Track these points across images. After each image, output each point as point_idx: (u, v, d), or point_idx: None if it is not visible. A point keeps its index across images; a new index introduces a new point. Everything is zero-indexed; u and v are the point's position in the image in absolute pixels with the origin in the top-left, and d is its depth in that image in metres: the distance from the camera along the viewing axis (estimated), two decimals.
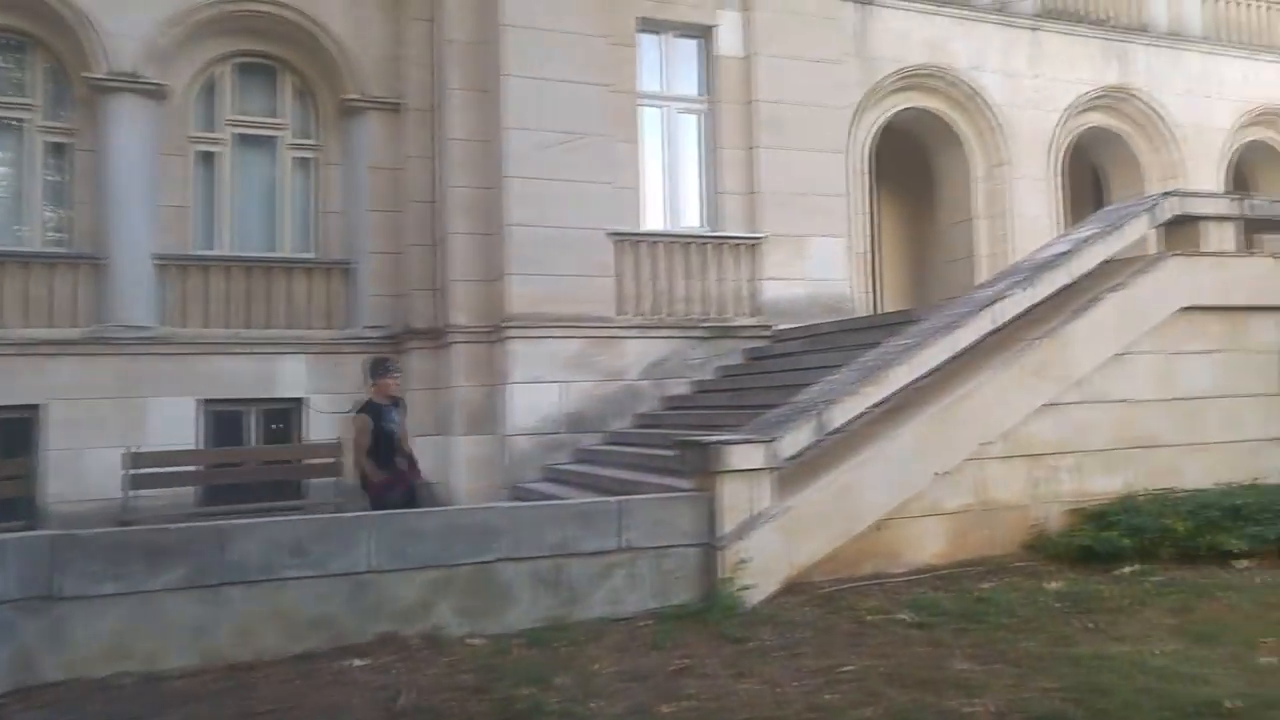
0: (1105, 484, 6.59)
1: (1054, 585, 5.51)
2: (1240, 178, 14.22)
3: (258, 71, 10.19)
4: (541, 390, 8.79)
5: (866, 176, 11.13)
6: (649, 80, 9.99)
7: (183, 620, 4.45)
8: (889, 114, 11.43)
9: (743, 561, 5.40)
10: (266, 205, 10.15)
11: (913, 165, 12.74)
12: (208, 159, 9.97)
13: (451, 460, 9.10)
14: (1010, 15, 12.04)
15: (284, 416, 9.69)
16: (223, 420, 9.49)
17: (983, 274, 11.01)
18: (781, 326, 9.62)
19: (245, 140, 10.12)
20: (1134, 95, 12.72)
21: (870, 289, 11.31)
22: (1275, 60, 13.64)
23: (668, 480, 6.56)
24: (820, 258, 10.04)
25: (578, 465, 8.42)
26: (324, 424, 9.47)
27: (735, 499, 5.51)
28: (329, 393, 9.58)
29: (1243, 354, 7.14)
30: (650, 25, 9.89)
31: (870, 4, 11.10)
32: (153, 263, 9.32)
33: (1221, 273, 7.11)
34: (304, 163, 10.32)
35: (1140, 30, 12.88)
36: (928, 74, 11.48)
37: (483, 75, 9.34)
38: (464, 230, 9.25)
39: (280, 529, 4.75)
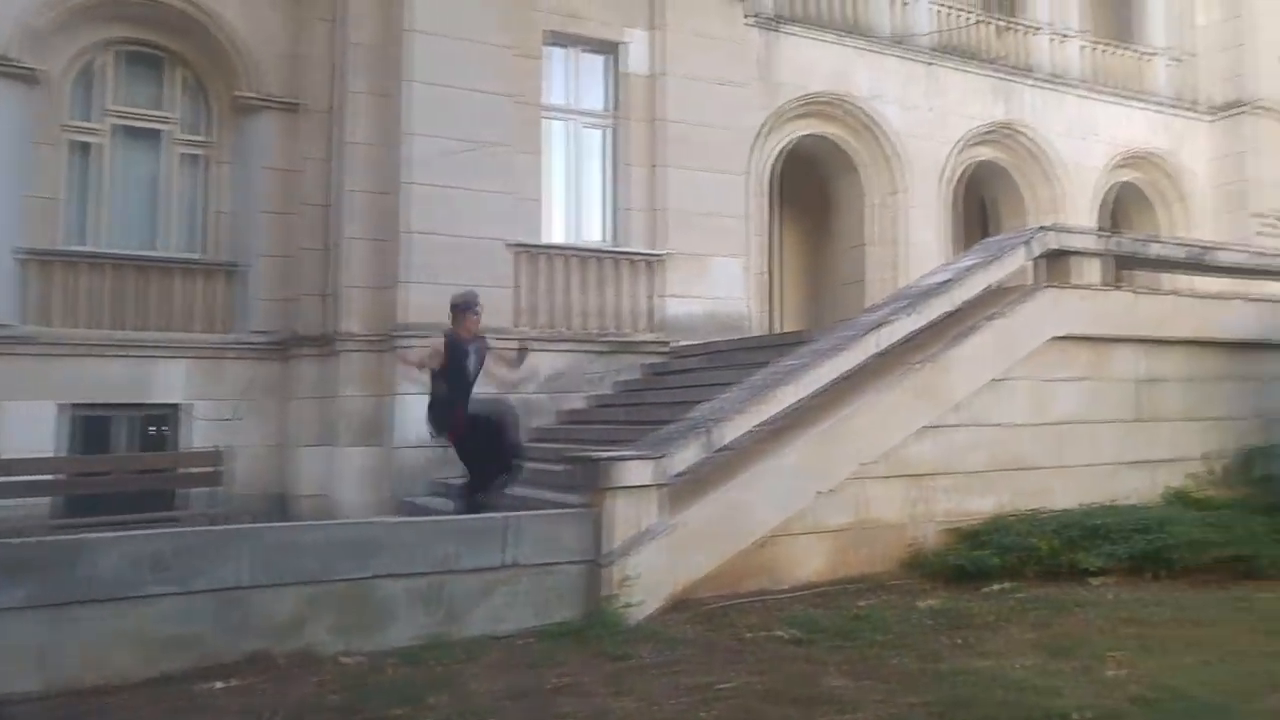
0: (980, 504, 6.86)
1: (927, 603, 5.69)
2: (1113, 215, 15.09)
3: (144, 61, 9.74)
4: None
5: (768, 199, 11.38)
6: (556, 93, 10.00)
7: (26, 642, 4.17)
8: (791, 139, 11.72)
9: (628, 578, 5.42)
10: (148, 201, 9.69)
11: (813, 190, 13.08)
12: (84, 150, 9.46)
13: (338, 472, 8.85)
14: (909, 49, 12.51)
15: (160, 423, 9.25)
16: (91, 426, 8.96)
17: (875, 297, 11.33)
18: (681, 343, 9.72)
19: (128, 133, 9.66)
20: (1020, 132, 13.38)
21: (768, 309, 11.55)
22: (1144, 107, 14.55)
23: (560, 496, 6.53)
24: (720, 277, 10.19)
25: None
26: (204, 431, 9.08)
27: (623, 515, 5.53)
28: (210, 399, 9.20)
29: (1106, 382, 7.55)
30: (559, 39, 9.91)
31: (776, 31, 11.38)
32: (14, 257, 8.78)
33: (1089, 305, 7.51)
34: (193, 159, 9.91)
35: (1027, 71, 13.56)
36: (829, 101, 11.82)
37: (386, 79, 9.17)
38: (360, 236, 9.05)
39: (141, 543, 4.52)
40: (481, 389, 7.15)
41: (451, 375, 6.66)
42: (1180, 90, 15.14)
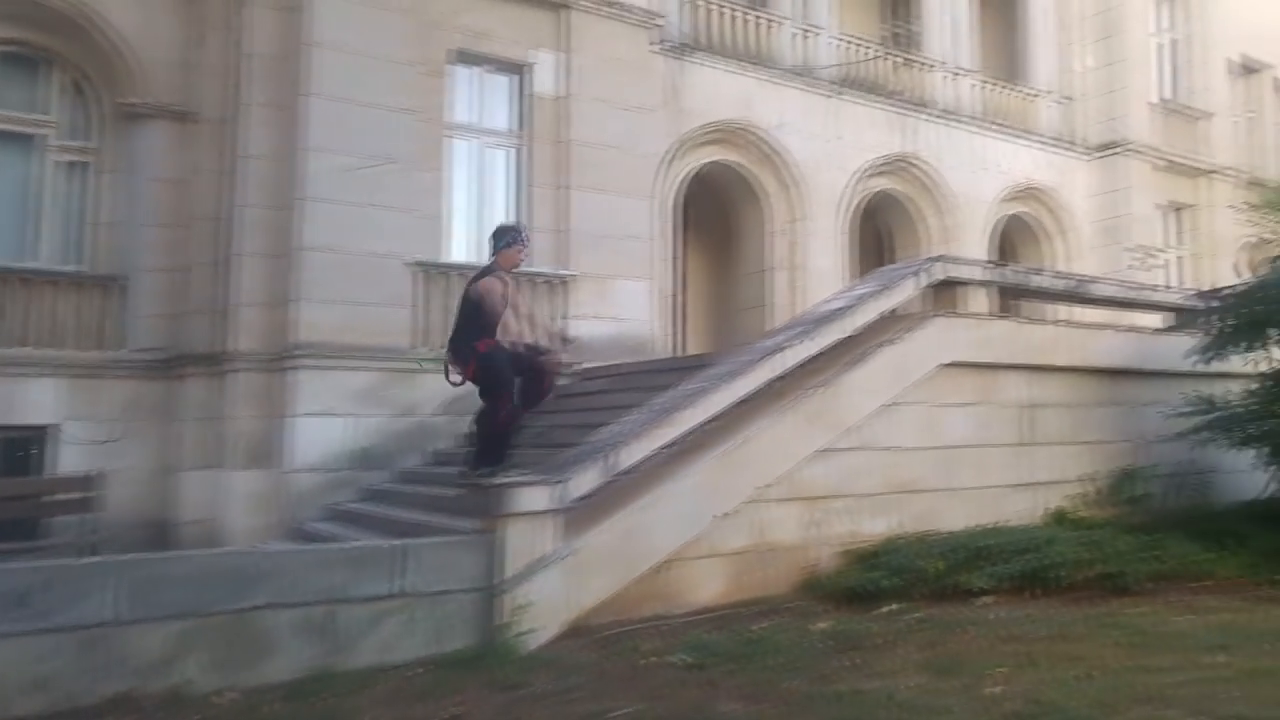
0: (874, 526, 7.02)
1: (822, 625, 5.77)
2: (1003, 246, 15.77)
3: (17, 62, 9.21)
4: (328, 424, 8.36)
5: (673, 222, 11.48)
6: (461, 112, 9.88)
7: None
8: (698, 164, 11.88)
9: (524, 605, 5.35)
10: (20, 210, 9.14)
11: (718, 215, 13.28)
12: None
13: (224, 497, 8.47)
14: (812, 81, 12.84)
15: (28, 446, 8.67)
16: None
17: (777, 321, 11.55)
18: (586, 365, 9.68)
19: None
20: (916, 164, 13.87)
21: (674, 331, 11.62)
22: (1031, 144, 15.30)
23: (456, 521, 6.39)
24: (626, 299, 10.22)
25: (363, 504, 8.07)
26: (78, 455, 8.55)
27: (519, 542, 5.46)
28: (86, 420, 8.69)
29: (993, 407, 7.85)
30: (465, 58, 9.81)
31: (683, 59, 11.53)
32: None
33: (977, 333, 7.81)
34: (74, 167, 9.41)
35: (923, 106, 14.09)
36: (734, 129, 12.04)
37: (284, 92, 8.91)
38: (253, 251, 8.73)
39: None
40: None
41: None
42: (1063, 130, 15.98)
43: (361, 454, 8.54)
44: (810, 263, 12.44)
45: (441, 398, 8.98)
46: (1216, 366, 8.14)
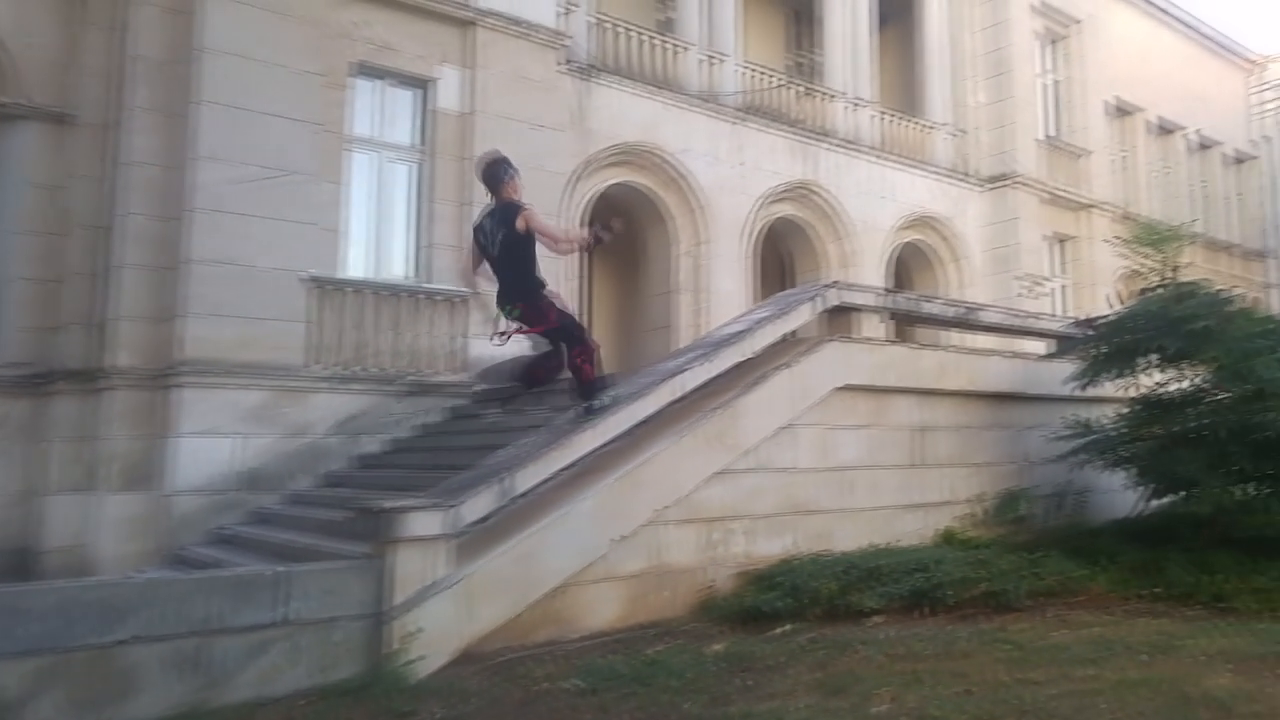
0: (771, 547, 7.10)
1: (717, 647, 5.78)
2: (900, 273, 16.30)
3: None
4: (214, 444, 8.00)
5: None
6: (362, 125, 9.66)
7: None
8: (604, 185, 11.91)
9: (414, 633, 5.21)
10: None
11: (625, 236, 13.30)
12: None
13: (96, 522, 7.98)
14: (717, 107, 13.06)
15: None
16: None
17: (682, 343, 11.64)
18: (487, 386, 9.53)
19: None
20: (817, 191, 14.22)
21: None
22: (927, 175, 15.89)
23: (347, 546, 6.17)
24: None
25: (250, 528, 7.74)
26: None
27: (410, 567, 5.32)
28: None
29: (886, 430, 8.06)
30: (368, 70, 9.61)
31: (591, 80, 11.58)
32: None
33: (871, 357, 8.01)
34: None
35: (825, 135, 14.48)
36: (641, 151, 12.13)
37: (174, 98, 8.55)
38: (136, 263, 8.32)
39: None
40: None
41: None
42: (957, 161, 16.65)
43: (250, 475, 8.20)
44: (714, 285, 12.59)
45: (335, 418, 8.74)
46: (1094, 391, 8.55)
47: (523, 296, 6.33)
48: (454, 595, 5.42)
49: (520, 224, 6.18)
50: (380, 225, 9.71)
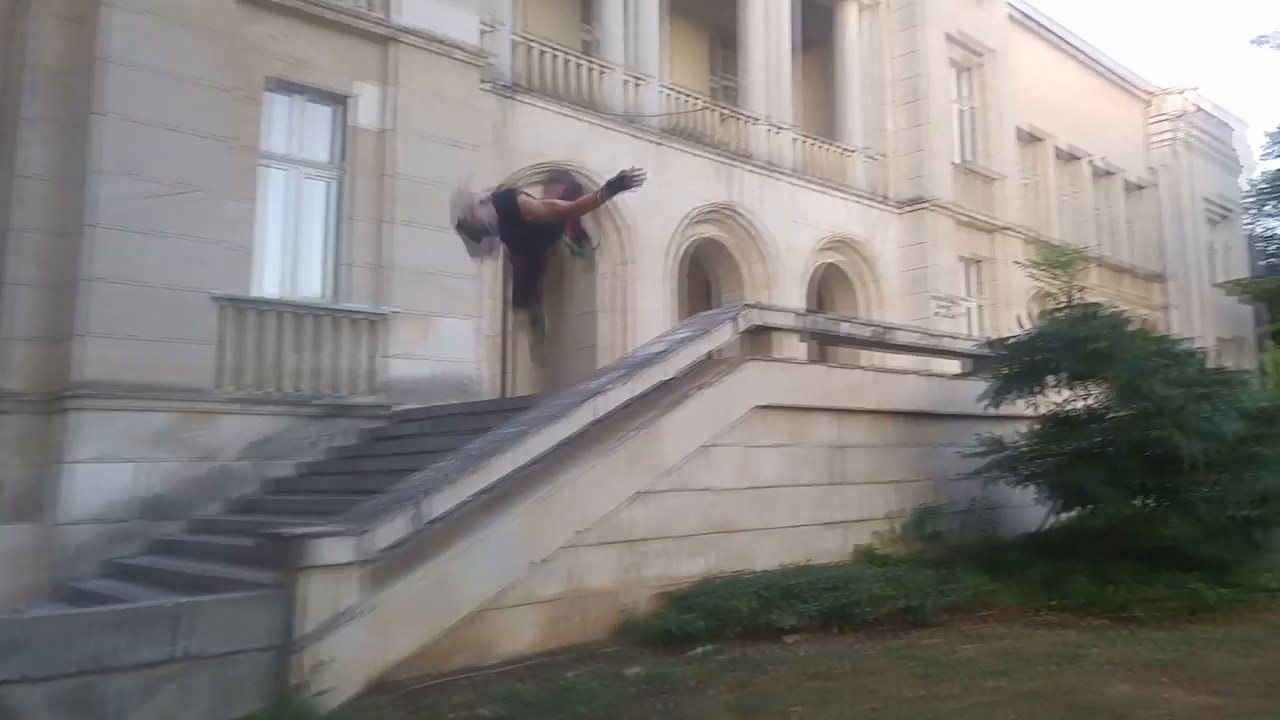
0: (690, 567, 7.10)
1: (635, 670, 5.75)
2: (821, 294, 16.62)
3: None
4: (113, 470, 7.67)
5: (503, 261, 11.33)
6: (276, 141, 9.44)
7: None
8: None
9: (322, 663, 5.05)
10: None
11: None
12: None
13: None
14: (641, 129, 13.16)
15: None
16: None
17: (606, 362, 11.64)
18: (403, 407, 9.38)
19: None
20: (739, 213, 14.43)
21: (500, 372, 11.47)
22: (845, 198, 16.27)
23: (254, 574, 5.98)
24: (449, 338, 9.99)
25: (151, 558, 7.42)
26: None
27: (319, 596, 5.17)
28: None
29: (805, 448, 8.16)
30: (282, 86, 9.41)
31: (512, 99, 11.56)
32: None
33: (789, 377, 8.12)
34: None
35: (746, 158, 14.72)
36: (563, 172, 12.08)
37: (72, 109, 8.25)
38: (29, 281, 7.95)
39: None
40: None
41: None
42: (875, 185, 17.08)
43: (153, 502, 7.88)
44: (638, 305, 12.64)
45: (246, 441, 8.49)
46: (1005, 409, 8.81)
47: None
48: (365, 623, 5.27)
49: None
50: (295, 243, 9.49)
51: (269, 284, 9.24)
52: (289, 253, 9.43)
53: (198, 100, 8.50)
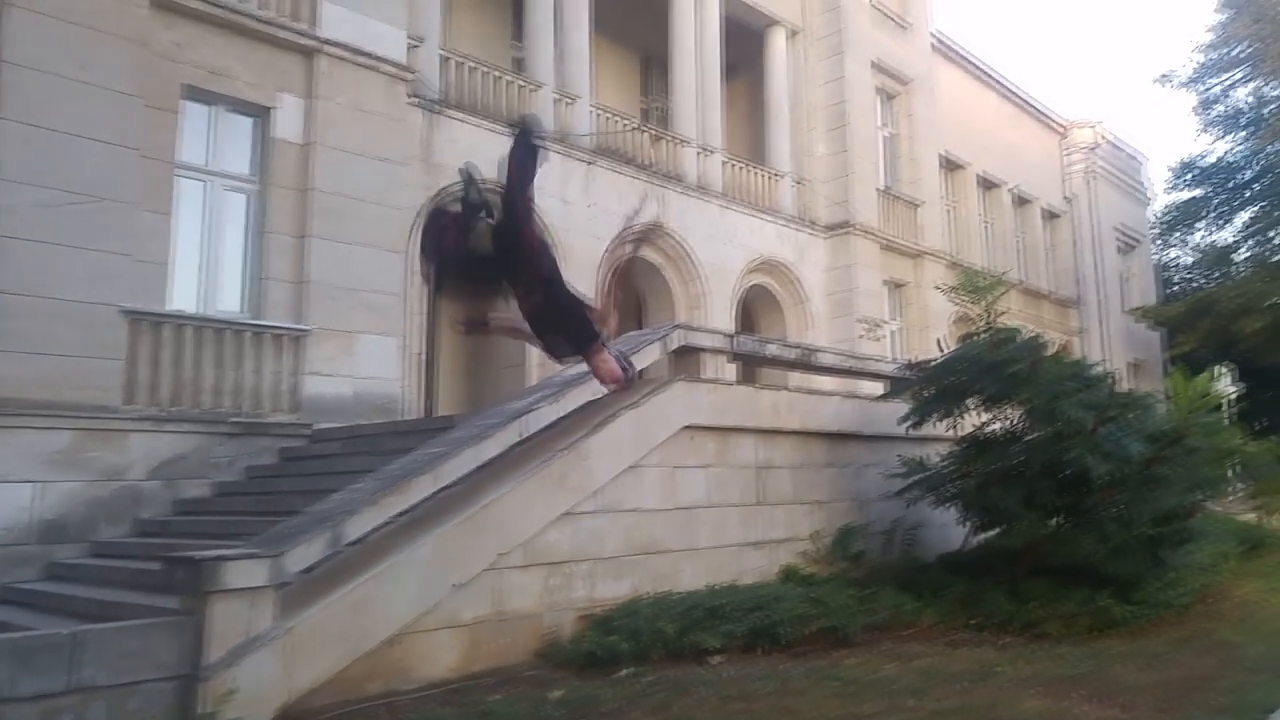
0: (615, 589, 7.04)
1: (558, 693, 5.67)
2: (749, 315, 16.79)
3: None
4: (9, 491, 7.26)
5: (426, 278, 11.18)
6: (194, 151, 9.14)
7: None
8: None
9: (232, 692, 4.86)
10: None
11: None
12: None
13: None
14: (570, 148, 13.13)
15: None
16: None
17: (532, 382, 11.53)
18: (323, 425, 9.13)
19: None
20: (669, 234, 14.50)
21: (424, 391, 11.25)
22: (773, 221, 16.50)
23: (158, 600, 5.72)
24: (371, 356, 9.77)
25: (47, 584, 7.05)
26: None
27: (229, 621, 4.98)
28: None
29: (730, 469, 8.20)
30: (199, 95, 9.12)
31: (439, 114, 11.42)
32: None
33: (715, 397, 8.16)
34: None
35: (676, 179, 14.82)
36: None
37: None
38: None
39: None
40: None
41: None
42: (803, 209, 17.37)
43: (51, 525, 7.51)
44: None
45: (155, 461, 8.16)
46: (927, 431, 9.01)
47: None
48: (277, 649, 5.09)
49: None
50: (213, 257, 9.18)
51: (184, 298, 8.92)
52: (206, 266, 9.12)
53: (108, 107, 8.17)
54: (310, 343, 9.30)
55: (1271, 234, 28.93)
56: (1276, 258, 28.15)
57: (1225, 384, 21.85)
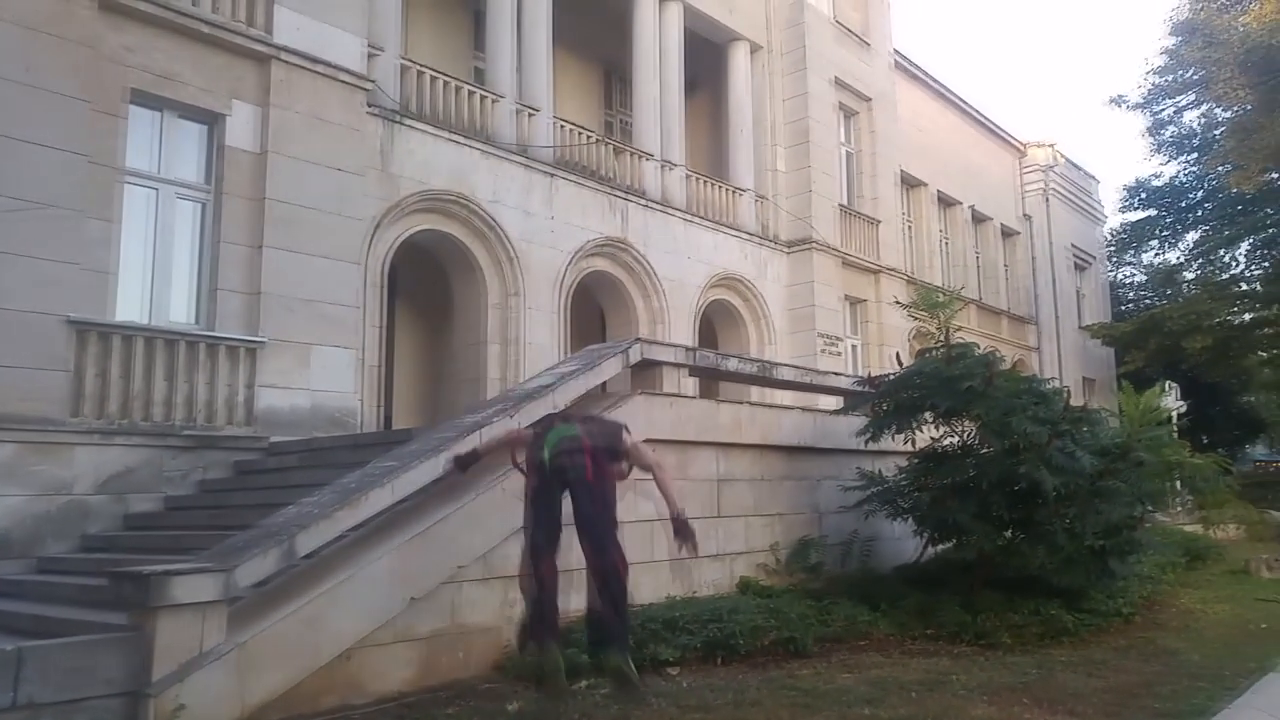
0: (575, 602, 6.92)
1: (514, 706, 5.65)
2: (710, 329, 16.88)
3: None
4: None
5: (383, 290, 11.09)
6: (143, 158, 8.94)
7: None
8: (410, 232, 11.60)
9: (181, 708, 4.78)
10: None
11: (433, 285, 13.08)
12: None
13: None
14: (531, 159, 13.11)
15: None
16: None
17: (492, 396, 11.48)
18: (279, 439, 9.01)
19: None
20: (630, 248, 14.54)
21: (381, 404, 11.15)
22: (735, 236, 16.60)
23: (104, 617, 5.60)
24: (327, 368, 9.65)
25: None
26: None
27: (178, 637, 4.89)
28: None
29: (690, 482, 8.22)
30: (147, 100, 8.92)
31: (398, 124, 11.34)
32: None
33: (675, 411, 8.20)
34: None
35: (638, 194, 14.87)
36: (450, 200, 11.94)
37: None
38: None
39: None
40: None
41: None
42: (764, 224, 17.51)
43: None
44: (528, 337, 12.53)
45: (102, 474, 7.99)
46: (884, 444, 9.12)
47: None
48: (227, 665, 5.00)
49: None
50: (164, 266, 8.99)
51: (134, 308, 8.74)
52: (157, 275, 8.94)
53: (53, 111, 7.97)
54: (265, 355, 9.17)
55: (1218, 255, 29.82)
56: (1222, 278, 29.03)
57: (1171, 400, 22.39)
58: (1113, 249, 33.66)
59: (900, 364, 9.88)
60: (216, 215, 9.24)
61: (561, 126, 14.02)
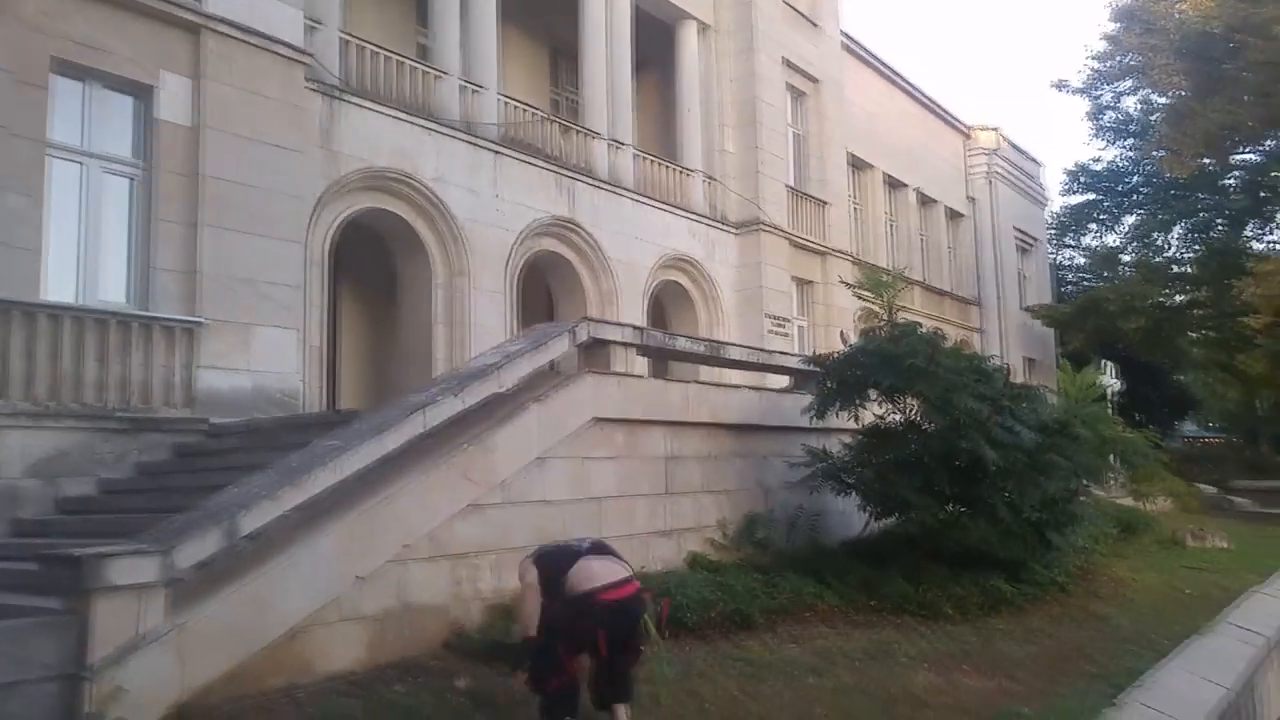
0: None
1: (462, 683, 5.65)
2: (661, 310, 16.90)
3: None
4: None
5: (326, 270, 10.89)
6: (69, 131, 8.55)
7: None
8: (353, 211, 11.37)
9: (119, 690, 4.69)
10: None
11: (377, 265, 12.87)
12: None
13: None
14: (477, 136, 12.90)
15: None
16: None
17: (439, 374, 11.34)
18: (219, 420, 8.81)
19: None
20: (579, 228, 14.45)
21: (325, 385, 10.97)
22: (684, 217, 16.60)
23: (37, 601, 5.44)
24: (269, 349, 9.44)
25: None
26: None
27: (114, 619, 4.79)
28: None
29: (639, 460, 8.26)
30: (71, 70, 8.51)
31: (340, 99, 11.09)
32: None
33: (624, 390, 8.21)
34: None
35: (586, 173, 14.76)
36: (394, 178, 11.72)
37: None
38: None
39: None
40: None
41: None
42: (713, 206, 17.53)
43: None
44: (475, 318, 12.39)
45: (31, 458, 7.74)
46: (831, 422, 9.25)
47: None
48: (169, 646, 4.92)
49: None
50: (91, 244, 8.64)
51: (63, 287, 8.41)
52: (88, 253, 8.61)
53: None
54: (204, 335, 8.94)
55: (1152, 238, 30.71)
56: (1156, 260, 29.90)
57: (1109, 379, 23.06)
58: (1055, 232, 34.44)
59: (846, 343, 10.01)
60: (149, 192, 8.93)
61: (508, 104, 13.86)
